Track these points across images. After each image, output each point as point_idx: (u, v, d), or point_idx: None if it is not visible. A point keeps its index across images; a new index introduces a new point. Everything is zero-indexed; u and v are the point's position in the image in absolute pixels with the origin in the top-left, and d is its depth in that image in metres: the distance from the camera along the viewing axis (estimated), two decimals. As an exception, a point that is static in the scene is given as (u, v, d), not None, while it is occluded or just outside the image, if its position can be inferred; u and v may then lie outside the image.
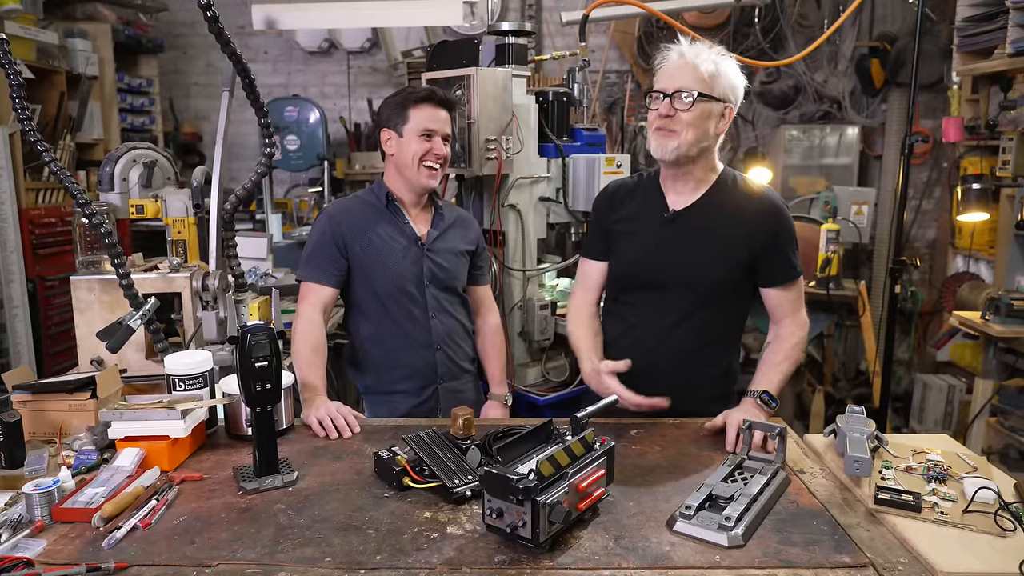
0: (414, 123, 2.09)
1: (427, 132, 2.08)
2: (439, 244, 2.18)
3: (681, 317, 1.88)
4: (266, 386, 1.48)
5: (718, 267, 1.85)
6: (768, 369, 1.85)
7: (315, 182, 5.46)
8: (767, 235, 1.84)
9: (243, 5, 5.33)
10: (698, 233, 1.86)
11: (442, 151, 2.11)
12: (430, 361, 2.17)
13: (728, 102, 1.80)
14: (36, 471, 1.50)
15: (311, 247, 2.12)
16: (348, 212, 2.16)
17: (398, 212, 2.16)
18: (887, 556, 1.22)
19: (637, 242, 1.92)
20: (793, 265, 1.89)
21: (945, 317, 4.60)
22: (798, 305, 1.91)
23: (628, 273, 1.95)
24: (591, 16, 3.03)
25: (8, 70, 1.69)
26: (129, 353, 2.01)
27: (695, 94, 1.74)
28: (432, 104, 2.10)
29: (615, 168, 2.88)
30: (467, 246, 2.24)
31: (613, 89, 5.55)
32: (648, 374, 1.84)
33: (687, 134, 1.77)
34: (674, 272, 1.87)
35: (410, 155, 2.09)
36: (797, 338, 1.89)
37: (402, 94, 2.14)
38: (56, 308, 4.16)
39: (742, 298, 1.93)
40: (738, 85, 1.82)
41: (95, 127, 4.76)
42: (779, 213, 1.87)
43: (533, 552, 1.22)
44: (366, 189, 2.30)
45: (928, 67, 4.99)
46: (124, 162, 2.59)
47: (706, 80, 1.76)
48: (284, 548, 1.25)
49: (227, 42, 1.71)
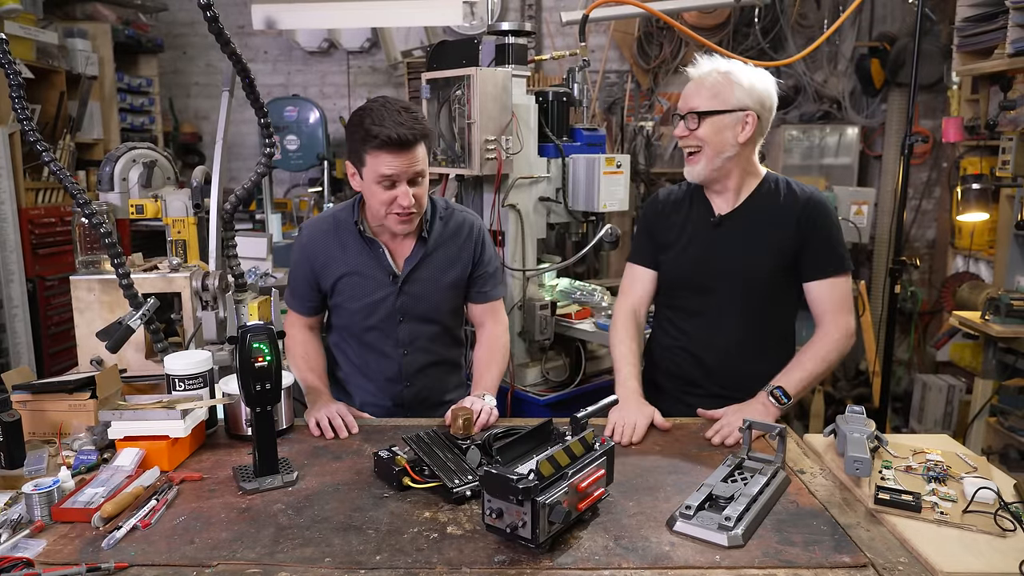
0: (371, 169, 1.79)
1: (387, 181, 1.79)
2: (419, 274, 1.96)
3: (732, 318, 1.93)
4: (266, 386, 1.48)
5: (765, 265, 1.90)
6: (793, 367, 1.86)
7: (315, 182, 5.46)
8: (808, 227, 1.87)
9: (243, 5, 5.33)
10: (744, 234, 1.91)
11: (407, 201, 1.79)
12: (398, 395, 2.03)
13: (747, 109, 1.83)
14: (36, 471, 1.50)
15: (290, 275, 2.07)
16: (318, 242, 1.98)
17: (373, 243, 1.94)
18: (887, 556, 1.22)
19: (687, 248, 1.97)
20: (834, 257, 1.89)
21: (945, 317, 4.60)
22: (842, 304, 1.89)
23: (679, 279, 2.01)
24: (591, 16, 3.03)
25: (8, 70, 1.69)
26: (129, 353, 2.00)
27: (701, 111, 1.84)
28: (389, 150, 1.74)
29: (615, 168, 2.88)
30: (457, 271, 1.99)
31: (613, 89, 5.55)
32: (700, 375, 1.98)
33: (706, 151, 1.86)
34: (723, 274, 1.92)
35: (375, 203, 1.84)
36: (833, 341, 1.86)
37: (360, 131, 1.77)
38: (56, 308, 4.15)
39: (790, 297, 1.96)
40: (760, 89, 1.85)
41: (95, 127, 4.75)
42: (820, 206, 1.89)
43: (533, 552, 1.22)
44: (345, 205, 2.04)
45: (928, 67, 4.99)
46: (124, 162, 2.59)
47: (714, 96, 1.84)
48: (284, 548, 1.25)
49: (227, 42, 1.71)
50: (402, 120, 1.75)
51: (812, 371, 1.84)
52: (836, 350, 1.87)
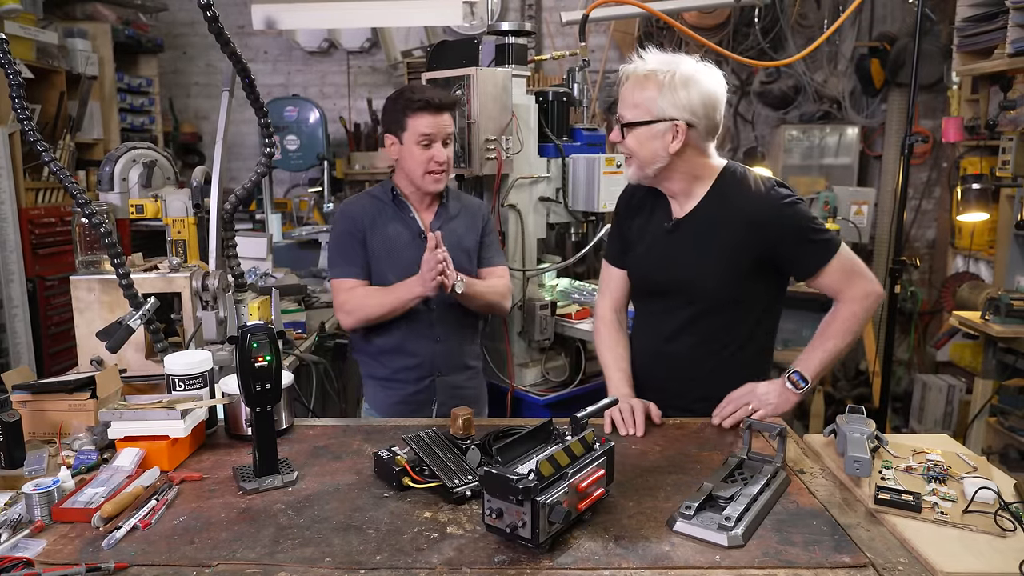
0: (412, 131, 2.14)
1: (426, 140, 2.14)
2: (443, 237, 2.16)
3: (681, 325, 1.87)
4: (266, 386, 1.48)
5: (718, 276, 1.80)
6: (811, 349, 1.80)
7: (315, 182, 5.46)
8: (775, 238, 1.77)
9: (243, 5, 5.33)
10: (698, 242, 1.82)
11: (443, 156, 2.17)
12: (431, 352, 2.24)
13: (675, 119, 1.71)
14: (36, 471, 1.50)
15: (336, 246, 2.25)
16: (361, 207, 2.27)
17: (404, 207, 2.26)
18: (887, 556, 1.22)
19: (646, 250, 1.92)
20: (817, 249, 1.77)
21: (945, 317, 4.60)
22: (848, 277, 1.78)
23: (639, 281, 1.98)
24: (591, 16, 3.03)
25: (8, 70, 1.69)
26: (129, 353, 2.01)
27: (625, 123, 1.78)
28: (429, 111, 2.13)
29: (615, 168, 2.88)
30: (471, 239, 2.30)
31: (613, 89, 5.55)
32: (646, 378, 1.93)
33: (635, 158, 1.80)
34: (676, 282, 1.86)
35: (413, 164, 2.18)
36: (850, 311, 1.77)
37: (401, 100, 2.17)
38: (56, 308, 4.15)
39: (749, 304, 1.86)
40: (695, 96, 1.70)
41: (95, 127, 4.76)
42: (778, 212, 1.76)
43: (533, 552, 1.22)
44: (376, 186, 2.38)
45: (928, 67, 4.99)
46: (124, 162, 2.59)
47: (642, 105, 1.74)
48: (284, 548, 1.25)
49: (227, 42, 1.71)
50: (436, 91, 2.21)
51: (832, 349, 1.77)
52: (853, 320, 1.78)
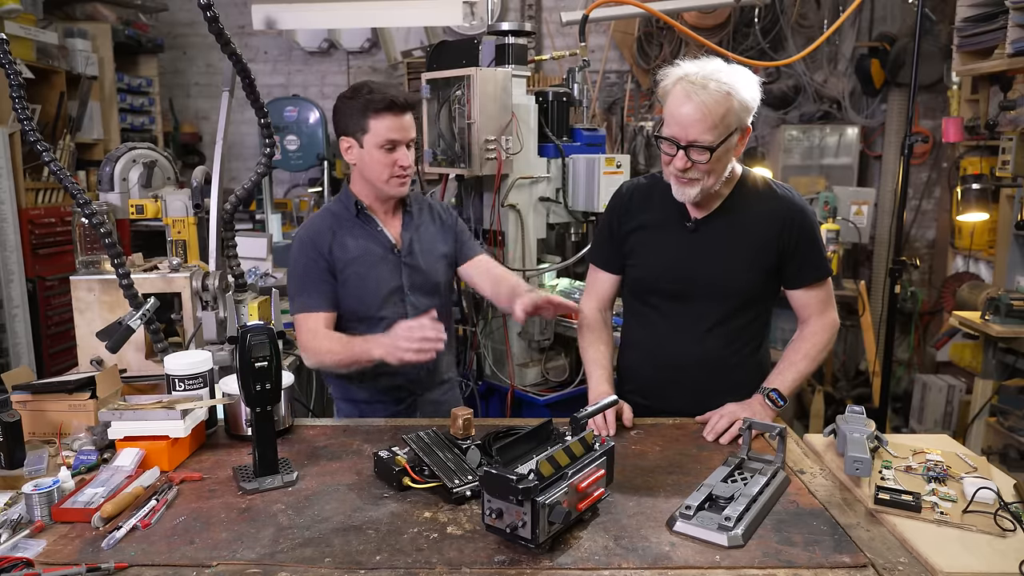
0: (374, 133, 1.92)
1: (390, 144, 1.93)
2: (416, 247, 2.06)
3: (710, 326, 1.85)
4: (266, 386, 1.48)
5: (745, 274, 1.82)
6: (784, 367, 1.84)
7: (315, 182, 5.46)
8: (791, 238, 1.80)
9: (243, 5, 5.33)
10: (723, 241, 1.82)
11: (407, 160, 1.96)
12: (415, 369, 2.03)
13: (744, 126, 1.71)
14: (36, 471, 1.50)
15: (299, 278, 2.00)
16: (321, 232, 2.02)
17: (369, 220, 2.04)
18: (887, 556, 1.22)
19: (660, 251, 1.87)
20: (819, 266, 1.85)
21: (945, 317, 4.60)
22: (825, 306, 1.87)
23: (653, 283, 1.91)
24: (591, 16, 3.03)
25: (8, 70, 1.69)
26: (129, 353, 2.01)
27: (712, 147, 1.65)
28: (393, 112, 1.91)
29: (615, 168, 2.88)
30: (444, 244, 2.12)
31: (613, 89, 5.55)
32: (674, 381, 1.89)
33: (708, 179, 1.71)
34: (702, 283, 1.84)
35: (376, 168, 1.96)
36: (821, 338, 1.86)
37: (360, 100, 1.93)
38: (56, 308, 4.15)
39: (767, 301, 1.91)
40: (751, 100, 1.69)
41: (95, 127, 4.75)
42: (802, 215, 1.81)
43: (533, 552, 1.22)
44: (334, 199, 2.15)
45: (928, 67, 4.99)
46: (124, 162, 2.59)
47: (720, 125, 1.64)
48: (284, 548, 1.25)
49: (227, 42, 1.71)
50: (397, 89, 1.99)
51: (804, 370, 1.84)
52: (822, 347, 1.86)
